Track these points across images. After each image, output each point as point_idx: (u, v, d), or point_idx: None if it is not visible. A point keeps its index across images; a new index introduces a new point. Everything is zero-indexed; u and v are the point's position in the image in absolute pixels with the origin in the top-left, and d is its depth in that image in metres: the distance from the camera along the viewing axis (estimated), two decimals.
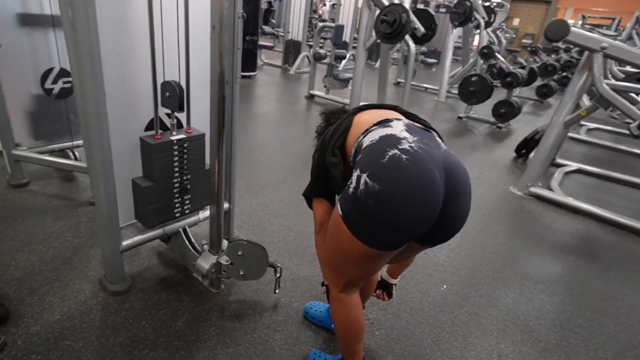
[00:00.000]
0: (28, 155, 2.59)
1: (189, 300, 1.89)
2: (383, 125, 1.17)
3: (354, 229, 1.08)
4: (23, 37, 2.43)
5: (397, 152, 1.03)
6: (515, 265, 2.52)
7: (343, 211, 1.10)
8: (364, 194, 1.02)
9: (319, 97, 6.44)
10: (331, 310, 1.40)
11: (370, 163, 1.05)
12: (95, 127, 1.52)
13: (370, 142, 1.11)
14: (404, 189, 1.00)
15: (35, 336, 1.60)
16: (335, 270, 1.31)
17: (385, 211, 1.01)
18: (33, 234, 2.22)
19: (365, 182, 1.02)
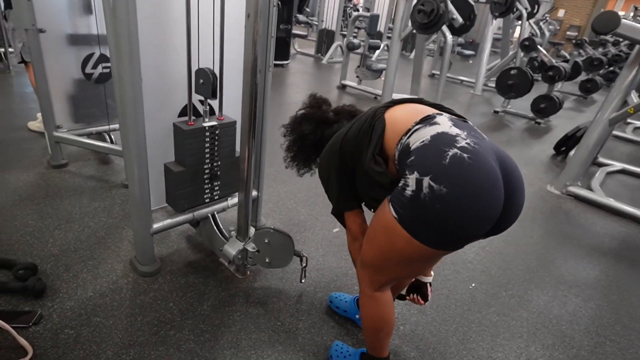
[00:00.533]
0: (68, 137, 2.70)
1: (215, 284, 1.92)
2: (429, 123, 1.11)
3: (415, 231, 1.06)
4: (66, 22, 2.50)
5: (457, 151, 1.00)
6: (549, 267, 2.44)
7: (400, 214, 1.07)
8: (429, 198, 0.98)
9: (350, 87, 6.39)
10: (362, 309, 1.39)
11: (430, 165, 1.01)
12: (131, 112, 1.56)
13: (422, 142, 1.06)
14: (471, 189, 0.98)
15: (69, 311, 1.66)
16: (376, 271, 1.28)
17: (453, 213, 0.99)
18: (70, 213, 2.31)
19: (429, 185, 0.98)
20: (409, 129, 1.13)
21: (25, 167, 2.74)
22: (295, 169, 1.68)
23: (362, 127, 1.25)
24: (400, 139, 1.13)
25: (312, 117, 1.56)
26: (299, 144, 1.60)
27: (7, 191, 2.43)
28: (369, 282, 1.32)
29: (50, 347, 1.50)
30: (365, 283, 1.34)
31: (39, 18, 2.38)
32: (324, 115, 1.56)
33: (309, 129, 1.55)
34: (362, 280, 1.35)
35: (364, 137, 1.23)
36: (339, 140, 1.33)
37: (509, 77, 5.71)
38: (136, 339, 1.58)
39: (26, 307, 1.65)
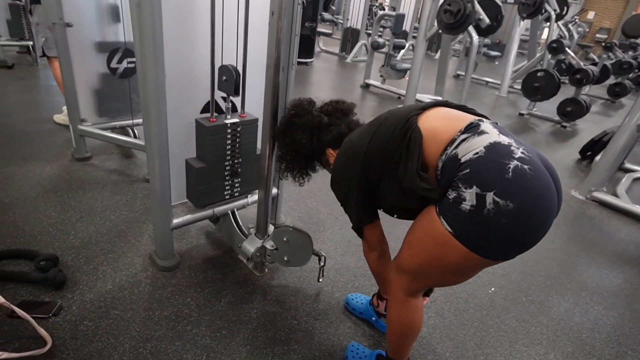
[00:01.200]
0: (92, 130, 2.74)
1: (233, 281, 1.92)
2: (476, 132, 1.07)
3: (475, 245, 1.04)
4: (93, 17, 2.54)
5: (518, 163, 0.98)
6: (571, 273, 2.37)
7: (456, 229, 1.04)
8: (494, 213, 0.96)
9: (374, 86, 6.35)
10: (391, 313, 1.37)
11: (492, 179, 0.98)
12: (154, 107, 1.56)
13: (476, 154, 1.02)
14: (536, 202, 0.98)
15: (89, 303, 1.68)
16: (415, 278, 1.26)
17: (519, 227, 0.99)
18: (92, 206, 2.34)
19: (493, 201, 0.96)
20: (453, 139, 1.08)
21: (50, 159, 2.79)
22: (291, 179, 1.64)
23: (390, 137, 1.18)
24: (445, 150, 1.09)
25: (305, 125, 1.48)
26: (292, 153, 1.53)
27: (31, 183, 2.48)
28: (405, 288, 1.29)
29: (69, 338, 1.51)
30: (398, 288, 1.31)
31: (66, 12, 2.41)
32: (316, 121, 1.47)
33: (304, 138, 1.47)
34: (396, 285, 1.32)
35: (396, 148, 1.16)
36: (360, 150, 1.25)
37: (535, 79, 5.59)
38: (153, 333, 1.59)
39: (46, 298, 1.67)
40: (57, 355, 1.44)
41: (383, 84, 6.28)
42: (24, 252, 1.88)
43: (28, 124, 3.31)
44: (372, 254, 1.46)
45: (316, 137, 1.48)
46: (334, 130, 1.46)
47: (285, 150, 1.56)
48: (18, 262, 1.85)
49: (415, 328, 1.36)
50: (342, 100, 1.56)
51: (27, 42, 5.11)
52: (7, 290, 1.68)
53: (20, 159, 2.73)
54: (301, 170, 1.59)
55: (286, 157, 1.57)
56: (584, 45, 11.94)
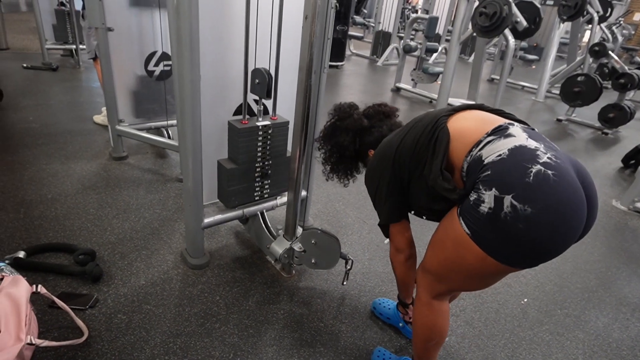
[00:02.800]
0: (129, 130, 2.83)
1: (261, 281, 1.94)
2: (502, 135, 1.05)
3: (491, 249, 1.02)
4: (132, 22, 2.63)
5: (541, 168, 0.95)
6: (610, 287, 2.28)
7: (473, 231, 1.03)
8: (511, 217, 0.94)
9: (405, 90, 6.29)
10: (416, 314, 1.36)
11: (511, 183, 0.95)
12: (189, 109, 1.60)
13: (499, 156, 1.00)
14: (558, 209, 0.93)
15: (123, 297, 1.74)
16: (437, 280, 1.25)
17: (538, 234, 0.95)
18: (128, 203, 2.42)
19: (511, 204, 0.94)
20: (479, 140, 1.07)
21: (89, 157, 2.91)
22: (336, 180, 1.71)
23: (420, 137, 1.19)
24: (470, 151, 1.08)
25: (347, 128, 1.55)
26: (336, 155, 1.61)
27: (72, 180, 2.59)
28: (428, 288, 1.29)
29: (104, 330, 1.57)
30: (423, 288, 1.31)
31: (108, 17, 2.51)
32: (357, 124, 1.55)
33: (347, 140, 1.55)
34: (420, 285, 1.32)
35: (424, 148, 1.17)
36: (391, 150, 1.28)
37: (575, 83, 5.41)
38: (183, 329, 1.62)
39: (84, 291, 1.74)
40: (93, 345, 1.50)
41: (414, 87, 6.22)
42: (64, 245, 1.97)
43: (70, 123, 3.46)
44: (399, 256, 1.45)
45: (359, 139, 1.56)
46: (375, 132, 1.53)
47: (330, 153, 1.63)
48: (58, 255, 1.93)
49: (439, 332, 1.33)
50: (384, 103, 1.61)
51: (71, 46, 5.34)
52: (48, 281, 1.76)
53: (63, 157, 2.86)
54: (346, 171, 1.67)
55: (331, 159, 1.64)
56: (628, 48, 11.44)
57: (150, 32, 2.72)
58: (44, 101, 3.90)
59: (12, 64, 4.96)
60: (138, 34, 2.69)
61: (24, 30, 7.01)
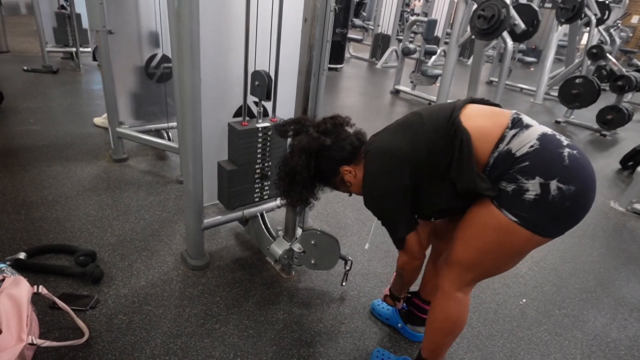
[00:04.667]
0: (129, 133, 2.85)
1: (260, 282, 1.95)
2: (523, 126, 1.14)
3: (540, 229, 1.12)
4: (133, 25, 2.65)
5: (569, 150, 1.09)
6: (609, 288, 2.29)
7: (522, 217, 1.11)
8: (559, 198, 1.06)
9: (404, 92, 6.30)
10: (440, 310, 1.37)
11: (552, 168, 1.07)
12: (189, 110, 1.62)
13: (531, 147, 1.10)
14: (589, 181, 1.10)
15: (123, 298, 1.75)
16: (469, 269, 1.28)
17: (579, 205, 1.10)
18: (128, 205, 2.44)
19: (557, 187, 1.06)
20: (502, 136, 1.14)
21: (89, 159, 2.92)
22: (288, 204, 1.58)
23: (435, 139, 1.19)
24: (496, 147, 1.13)
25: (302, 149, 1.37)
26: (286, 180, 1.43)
27: (72, 182, 2.60)
28: (456, 280, 1.31)
29: (104, 330, 1.58)
30: (449, 281, 1.32)
31: (109, 21, 2.53)
32: (316, 143, 1.36)
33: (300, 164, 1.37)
34: (446, 279, 1.33)
35: (445, 151, 1.17)
36: (401, 157, 1.22)
37: (573, 86, 5.41)
38: (183, 330, 1.63)
39: (85, 292, 1.75)
40: (94, 346, 1.51)
41: (413, 90, 6.22)
42: (64, 247, 1.98)
43: (71, 126, 3.47)
44: (414, 263, 1.40)
45: (321, 160, 1.38)
46: (346, 145, 1.37)
47: (281, 176, 1.45)
48: (59, 256, 1.94)
49: (461, 325, 1.38)
50: (336, 115, 1.47)
51: (71, 49, 5.35)
52: (49, 282, 1.77)
53: (63, 159, 2.87)
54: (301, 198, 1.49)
55: (280, 185, 1.48)
56: (626, 50, 11.49)
57: (150, 35, 2.74)
58: (44, 104, 3.91)
59: (13, 67, 4.98)
60: (138, 37, 2.71)
61: (24, 33, 7.02)
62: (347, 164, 1.38)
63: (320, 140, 1.35)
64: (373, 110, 5.47)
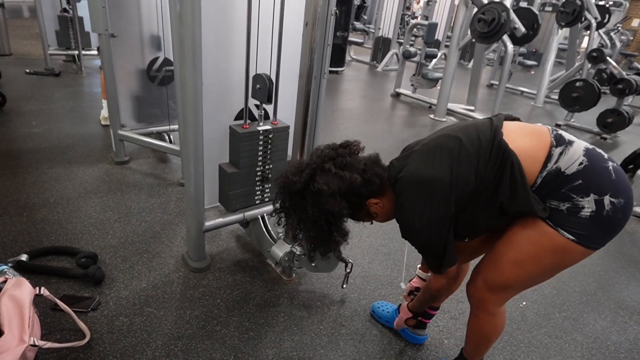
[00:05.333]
0: (130, 135, 2.86)
1: (261, 284, 1.96)
2: (566, 143, 1.14)
3: (596, 243, 1.14)
4: (135, 29, 2.66)
5: (612, 163, 1.13)
6: (609, 291, 2.30)
7: (578, 235, 1.12)
8: (612, 212, 1.09)
9: (405, 95, 6.31)
10: (485, 327, 1.39)
11: (605, 184, 1.09)
12: (191, 113, 1.63)
13: (582, 165, 1.11)
14: (631, 192, 1.13)
15: (125, 300, 1.75)
16: (517, 290, 1.32)
17: (627, 216, 1.13)
18: (129, 207, 2.44)
19: (610, 202, 1.08)
20: (549, 155, 1.13)
21: (91, 162, 2.93)
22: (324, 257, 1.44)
23: (479, 164, 1.14)
24: (545, 166, 1.13)
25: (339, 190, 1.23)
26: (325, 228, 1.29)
27: (74, 184, 2.61)
28: (499, 301, 1.33)
29: (106, 332, 1.58)
30: (494, 303, 1.33)
31: (111, 24, 2.54)
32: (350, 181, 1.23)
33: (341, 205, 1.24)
34: (491, 302, 1.32)
35: (492, 174, 1.13)
36: (443, 186, 1.15)
37: (573, 89, 5.41)
38: (184, 332, 1.64)
39: (86, 293, 1.76)
40: (95, 347, 1.51)
41: (414, 93, 6.23)
42: (66, 249, 1.99)
43: (73, 128, 3.49)
44: (452, 282, 1.43)
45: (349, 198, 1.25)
46: (374, 179, 1.26)
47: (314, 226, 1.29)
48: (61, 258, 1.95)
49: (504, 326, 1.42)
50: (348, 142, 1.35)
51: (73, 52, 5.39)
52: (51, 284, 1.78)
53: (65, 161, 2.88)
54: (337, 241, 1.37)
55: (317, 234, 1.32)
56: (627, 54, 11.50)
57: (152, 39, 2.75)
58: (46, 106, 3.93)
59: (15, 70, 4.99)
60: (140, 40, 2.72)
61: (26, 36, 7.05)
62: (374, 197, 1.29)
63: (351, 179, 1.22)
64: (374, 113, 5.47)
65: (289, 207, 1.33)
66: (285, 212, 1.36)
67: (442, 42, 9.61)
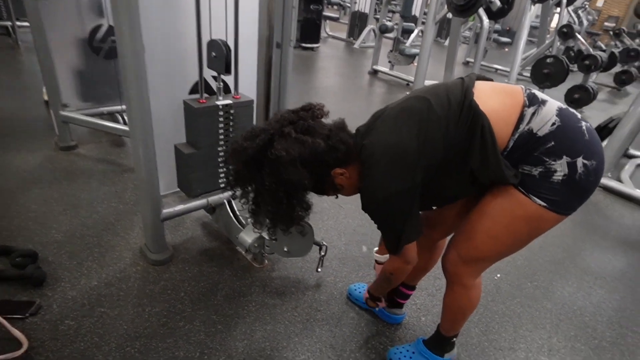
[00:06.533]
0: (75, 116, 2.57)
1: (230, 274, 1.83)
2: (539, 102, 1.07)
3: (567, 208, 1.09)
4: None
5: (584, 123, 1.06)
6: (575, 258, 2.34)
7: (551, 201, 1.06)
8: (585, 175, 1.03)
9: (382, 72, 6.26)
10: (460, 300, 1.33)
11: (577, 146, 1.03)
12: (134, 85, 1.42)
13: (554, 125, 1.04)
14: (602, 153, 1.07)
15: (71, 301, 1.57)
16: (492, 261, 1.27)
17: (598, 179, 1.07)
18: (78, 197, 2.21)
19: (583, 164, 1.03)
20: (521, 115, 1.06)
21: (32, 148, 2.64)
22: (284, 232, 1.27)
23: (448, 128, 1.05)
24: (516, 128, 1.05)
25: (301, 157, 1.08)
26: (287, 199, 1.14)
27: (9, 174, 2.33)
28: (475, 273, 1.29)
29: (48, 339, 1.40)
30: (469, 276, 1.28)
31: None
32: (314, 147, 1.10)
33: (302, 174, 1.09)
34: (465, 275, 1.27)
35: (462, 139, 1.05)
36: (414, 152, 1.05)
37: (544, 65, 5.48)
38: (143, 331, 1.49)
39: (24, 297, 1.55)
40: (35, 357, 1.34)
41: (391, 70, 6.17)
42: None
43: (10, 110, 3.14)
44: (407, 267, 1.25)
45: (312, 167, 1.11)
46: (339, 145, 1.13)
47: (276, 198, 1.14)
48: None
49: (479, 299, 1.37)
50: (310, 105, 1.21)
51: (5, 23, 4.84)
52: None
53: (1, 149, 2.58)
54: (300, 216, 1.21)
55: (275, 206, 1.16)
56: (592, 33, 11.79)
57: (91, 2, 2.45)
58: None
59: None
60: (77, 4, 2.41)
61: None
62: (340, 166, 1.15)
63: (314, 145, 1.09)
64: (351, 91, 5.36)
65: (243, 178, 1.19)
66: (239, 185, 1.21)
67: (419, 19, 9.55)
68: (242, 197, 1.24)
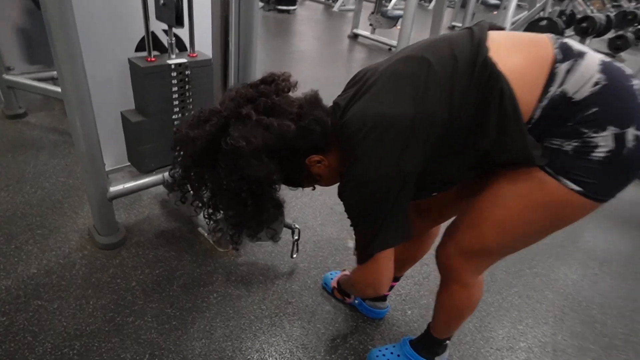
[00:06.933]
0: (22, 81, 2.33)
1: (190, 259, 1.65)
2: (577, 56, 0.82)
3: (604, 194, 0.87)
4: None
5: (636, 81, 0.82)
6: (578, 241, 2.16)
7: (588, 185, 0.83)
8: (635, 150, 0.79)
9: (363, 37, 5.99)
10: (462, 301, 1.15)
11: (628, 112, 0.80)
12: (60, 36, 1.18)
13: (597, 85, 0.79)
14: None
15: (4, 292, 1.39)
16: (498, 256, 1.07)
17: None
18: (23, 171, 2.00)
19: (635, 137, 0.78)
20: (552, 73, 0.81)
21: None
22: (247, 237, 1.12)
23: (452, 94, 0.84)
24: (545, 92, 0.81)
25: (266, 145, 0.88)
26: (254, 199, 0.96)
27: None
28: (477, 271, 1.10)
29: None
30: (468, 273, 1.08)
31: None
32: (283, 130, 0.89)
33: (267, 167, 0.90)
34: (463, 272, 1.08)
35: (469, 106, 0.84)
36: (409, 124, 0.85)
37: (537, 28, 5.25)
38: (85, 328, 1.32)
39: None
40: None
41: (372, 33, 5.91)
42: None
43: None
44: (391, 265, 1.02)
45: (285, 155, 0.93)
46: (314, 126, 0.92)
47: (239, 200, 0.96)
48: None
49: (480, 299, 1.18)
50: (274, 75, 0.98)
51: None
52: None
53: None
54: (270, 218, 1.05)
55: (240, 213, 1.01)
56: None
57: None
58: None
59: None
60: None
61: None
62: (316, 153, 0.96)
63: (281, 129, 0.88)
64: (330, 56, 5.10)
65: (192, 177, 0.98)
66: (190, 185, 1.00)
67: None
68: (195, 200, 1.03)
